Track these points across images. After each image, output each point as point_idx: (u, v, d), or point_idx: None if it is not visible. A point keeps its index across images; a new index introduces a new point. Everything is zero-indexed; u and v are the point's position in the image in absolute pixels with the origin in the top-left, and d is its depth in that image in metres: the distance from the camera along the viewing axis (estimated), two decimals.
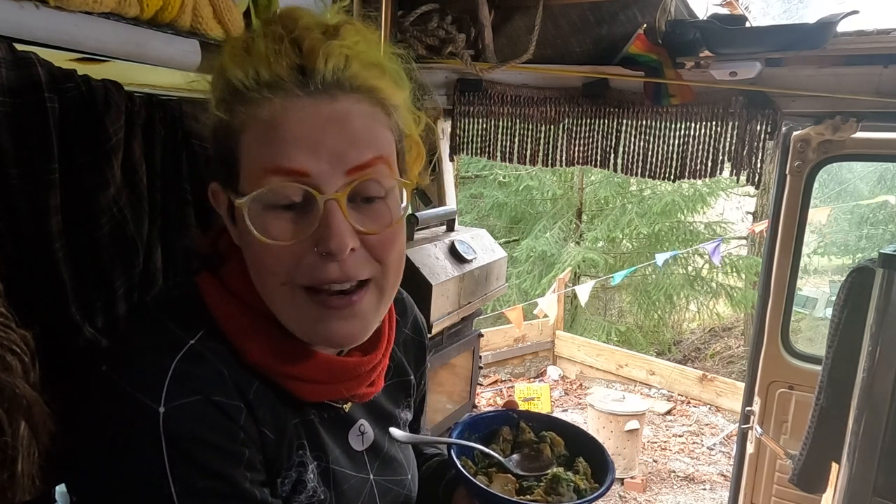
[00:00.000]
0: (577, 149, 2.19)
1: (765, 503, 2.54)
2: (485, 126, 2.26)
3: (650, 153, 2.08)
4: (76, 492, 0.67)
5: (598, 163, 2.17)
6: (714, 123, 1.98)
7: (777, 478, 2.48)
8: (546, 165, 2.25)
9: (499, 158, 2.29)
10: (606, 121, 2.12)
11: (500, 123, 2.25)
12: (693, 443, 5.62)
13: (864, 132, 2.08)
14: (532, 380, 6.95)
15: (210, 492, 0.64)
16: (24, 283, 0.89)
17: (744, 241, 9.78)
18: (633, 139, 2.10)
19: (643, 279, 9.05)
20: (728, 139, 1.97)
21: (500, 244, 2.51)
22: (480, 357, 2.54)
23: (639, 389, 6.55)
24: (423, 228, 2.18)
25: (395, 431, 0.89)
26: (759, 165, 1.97)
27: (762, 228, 5.91)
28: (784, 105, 1.91)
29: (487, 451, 0.88)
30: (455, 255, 2.09)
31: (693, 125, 2.01)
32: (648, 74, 1.97)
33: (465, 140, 2.28)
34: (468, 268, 2.11)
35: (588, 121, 2.15)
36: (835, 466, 1.91)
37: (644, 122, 2.07)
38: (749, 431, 2.54)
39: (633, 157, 2.11)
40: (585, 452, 0.90)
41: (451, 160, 2.39)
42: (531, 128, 2.22)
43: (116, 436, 0.63)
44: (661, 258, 6.03)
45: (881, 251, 1.62)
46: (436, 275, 1.92)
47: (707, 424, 5.92)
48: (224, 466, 0.65)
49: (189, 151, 1.18)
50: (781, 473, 2.43)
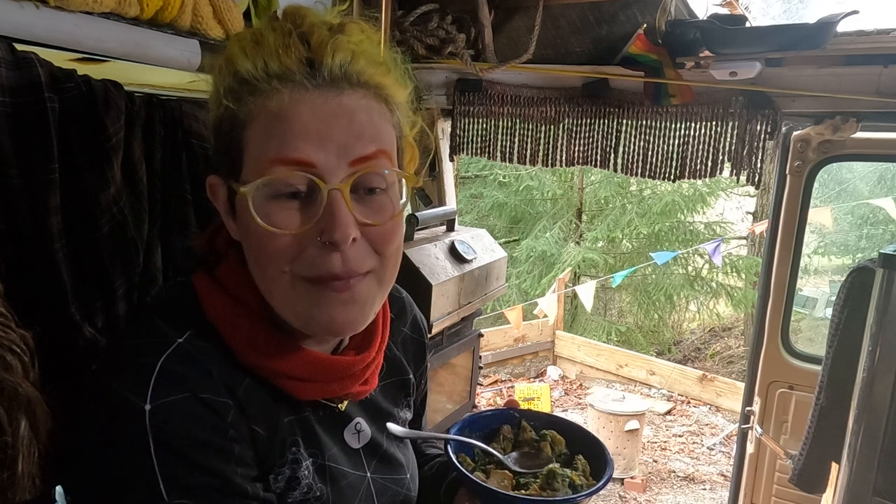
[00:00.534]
0: (577, 149, 2.18)
1: (765, 503, 2.54)
2: (485, 126, 2.26)
3: (650, 153, 2.08)
4: (71, 491, 0.67)
5: (598, 163, 2.17)
6: (714, 123, 1.98)
7: (777, 478, 2.48)
8: (546, 165, 2.24)
9: (499, 158, 2.29)
10: (606, 121, 2.12)
11: (500, 123, 2.24)
12: (693, 443, 5.62)
13: (864, 132, 2.08)
14: (532, 380, 6.95)
15: (200, 487, 0.64)
16: (24, 283, 0.89)
17: (744, 241, 9.78)
18: (633, 139, 2.10)
19: (643, 279, 9.05)
20: (728, 139, 1.97)
21: (500, 244, 2.51)
22: (480, 357, 2.54)
23: (639, 389, 6.55)
24: (423, 228, 2.18)
25: (393, 426, 0.89)
26: (759, 165, 1.97)
27: (762, 230, 5.92)
28: (784, 105, 1.91)
29: (486, 448, 0.88)
30: (455, 255, 2.09)
31: (693, 125, 2.01)
32: (648, 74, 1.97)
33: (465, 140, 2.28)
34: (468, 268, 2.11)
35: (588, 121, 2.14)
36: (835, 466, 1.91)
37: (644, 122, 2.07)
38: (749, 431, 2.54)
39: (633, 157, 2.11)
40: (586, 451, 0.90)
41: (451, 160, 2.39)
42: (531, 128, 2.22)
43: (105, 434, 0.63)
44: (661, 257, 6.03)
45: (881, 251, 1.62)
46: (436, 275, 1.92)
47: (707, 424, 5.92)
48: (213, 462, 0.65)
49: (189, 151, 1.18)
50: (781, 473, 2.43)
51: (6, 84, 0.85)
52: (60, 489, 0.81)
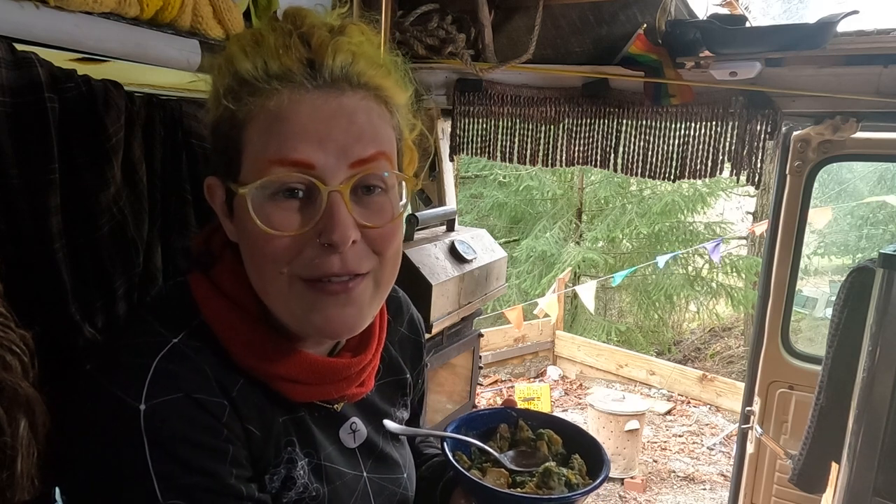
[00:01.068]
0: (577, 149, 2.18)
1: (765, 503, 2.54)
2: (485, 126, 2.26)
3: (650, 153, 2.08)
4: (67, 491, 0.67)
5: (598, 163, 2.17)
6: (714, 123, 1.98)
7: (777, 478, 2.48)
8: (546, 165, 2.24)
9: (499, 158, 2.29)
10: (606, 121, 2.12)
11: (500, 123, 2.24)
12: (693, 443, 5.62)
13: (864, 132, 2.08)
14: (532, 380, 6.95)
15: (194, 488, 0.64)
16: (24, 283, 0.90)
17: (744, 241, 9.78)
18: (633, 139, 2.10)
19: (643, 279, 9.05)
20: (728, 139, 1.97)
21: (500, 244, 2.51)
22: (480, 357, 2.54)
23: (639, 389, 6.55)
24: (423, 228, 2.18)
25: (389, 423, 0.89)
26: (759, 165, 1.97)
27: (762, 230, 5.91)
28: (784, 105, 1.91)
29: (482, 447, 0.88)
30: (455, 255, 2.09)
31: (693, 125, 2.01)
32: (648, 74, 1.97)
33: (465, 140, 2.28)
34: (468, 268, 2.11)
35: (588, 121, 2.14)
36: (835, 466, 1.91)
37: (644, 122, 2.07)
38: (749, 431, 2.54)
39: (633, 157, 2.11)
40: (583, 451, 0.90)
41: (451, 160, 2.39)
42: (531, 128, 2.21)
43: (100, 434, 0.63)
44: (662, 260, 6.03)
45: (881, 251, 1.62)
46: (436, 275, 1.92)
47: (707, 424, 5.92)
48: (207, 463, 0.65)
49: (189, 151, 1.19)
50: (781, 473, 2.43)
51: (6, 84, 0.85)
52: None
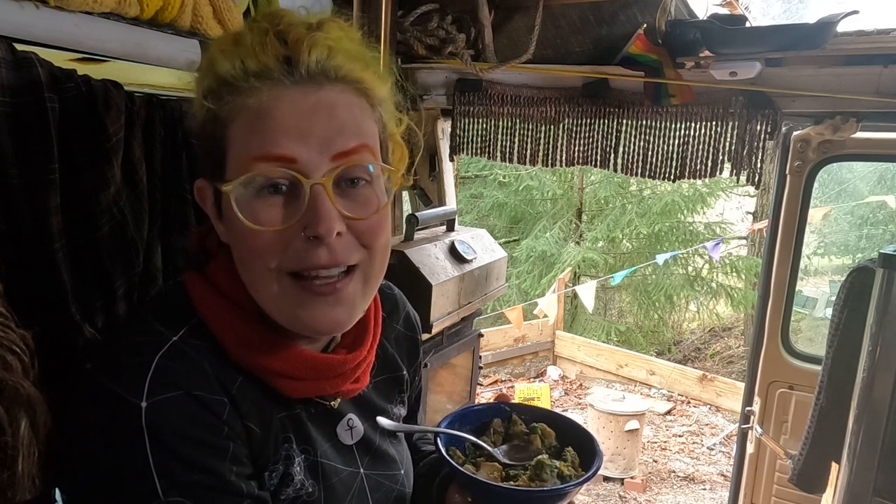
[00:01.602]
0: (577, 149, 2.18)
1: (765, 503, 2.54)
2: (485, 126, 2.26)
3: (650, 153, 2.08)
4: (68, 490, 0.67)
5: (598, 163, 2.17)
6: (714, 123, 1.98)
7: (777, 478, 2.48)
8: (546, 165, 2.25)
9: (499, 158, 2.29)
10: (606, 121, 2.12)
11: (500, 123, 2.24)
12: (693, 443, 5.62)
13: (864, 132, 2.08)
14: (532, 380, 6.95)
15: (195, 485, 0.64)
16: (24, 283, 0.90)
17: (744, 241, 9.78)
18: (633, 139, 2.10)
19: (643, 279, 9.05)
20: (728, 139, 1.97)
21: (500, 244, 2.51)
22: (480, 357, 2.54)
23: (639, 389, 6.55)
24: (423, 228, 2.18)
25: (383, 420, 0.90)
26: (759, 165, 1.97)
27: (762, 227, 5.92)
28: (784, 105, 1.91)
29: (476, 441, 0.89)
30: (455, 255, 2.09)
31: (693, 125, 2.01)
32: (648, 74, 1.97)
33: (465, 140, 2.28)
34: (468, 268, 2.11)
35: (588, 121, 2.14)
36: (835, 466, 1.91)
37: (644, 122, 2.07)
38: (749, 431, 2.54)
39: (633, 157, 2.11)
40: (576, 443, 0.91)
41: (451, 160, 2.39)
42: (531, 128, 2.22)
43: (100, 432, 0.63)
44: (662, 258, 6.02)
45: (881, 251, 1.62)
46: (436, 275, 1.91)
47: (707, 424, 5.92)
48: (208, 460, 0.65)
49: (189, 151, 1.19)
50: (781, 473, 2.43)
51: (6, 84, 0.86)
52: None
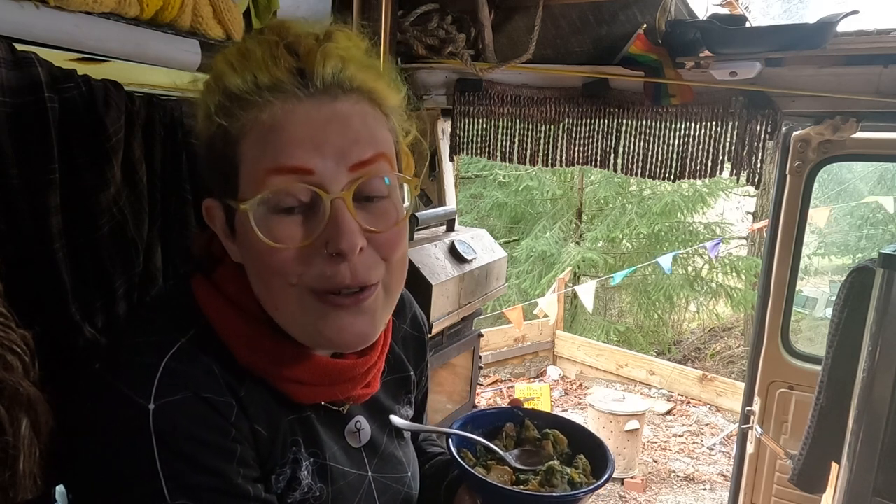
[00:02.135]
0: (577, 149, 2.18)
1: (765, 503, 2.54)
2: (485, 126, 2.26)
3: (650, 153, 2.08)
4: (72, 490, 0.67)
5: (598, 163, 2.17)
6: (714, 123, 1.98)
7: (777, 478, 2.48)
8: (546, 165, 2.25)
9: (499, 158, 2.29)
10: (606, 121, 2.12)
11: (500, 123, 2.24)
12: (693, 443, 5.62)
13: (864, 132, 2.08)
14: (532, 380, 6.95)
15: (202, 488, 0.64)
16: (24, 283, 0.90)
17: (744, 241, 9.78)
18: (633, 139, 2.10)
19: (643, 279, 9.05)
20: (728, 139, 1.97)
21: (500, 244, 2.51)
22: (480, 357, 2.55)
23: (639, 389, 6.55)
24: (423, 228, 2.18)
25: (396, 419, 0.89)
26: (759, 165, 1.97)
27: (762, 226, 5.91)
28: (784, 105, 1.91)
29: (488, 445, 0.89)
30: (455, 255, 2.09)
31: (693, 125, 2.01)
32: (648, 74, 1.97)
33: (465, 140, 2.28)
34: (468, 268, 2.11)
35: (588, 121, 2.15)
36: (835, 466, 1.91)
37: (644, 122, 2.07)
38: (749, 431, 2.54)
39: (633, 157, 2.11)
40: (588, 451, 0.90)
41: (451, 160, 2.39)
42: (531, 128, 2.22)
43: (108, 433, 0.63)
44: (666, 263, 5.99)
45: (881, 251, 1.62)
46: (436, 275, 1.92)
47: (707, 424, 5.92)
48: (216, 462, 0.65)
49: (189, 151, 1.18)
50: (781, 473, 2.43)
51: (6, 84, 0.85)
52: (61, 488, 0.81)
